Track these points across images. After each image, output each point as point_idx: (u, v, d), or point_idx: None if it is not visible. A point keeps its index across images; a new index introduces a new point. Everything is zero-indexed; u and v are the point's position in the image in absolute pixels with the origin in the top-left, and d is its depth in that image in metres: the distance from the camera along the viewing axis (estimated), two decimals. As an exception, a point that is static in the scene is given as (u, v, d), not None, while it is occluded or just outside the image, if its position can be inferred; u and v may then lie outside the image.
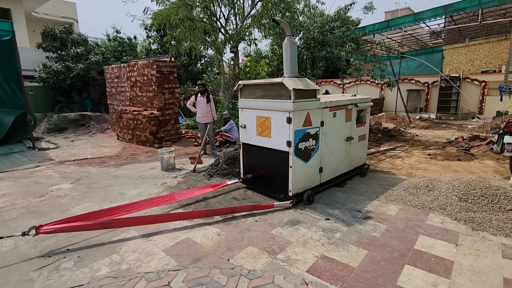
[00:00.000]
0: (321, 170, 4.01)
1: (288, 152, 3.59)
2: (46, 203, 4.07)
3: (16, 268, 2.57)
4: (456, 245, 2.85)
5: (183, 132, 9.18)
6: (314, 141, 3.80)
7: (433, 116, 13.23)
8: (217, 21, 7.37)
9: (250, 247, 2.85)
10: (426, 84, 14.37)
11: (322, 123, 3.89)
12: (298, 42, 10.08)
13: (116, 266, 2.58)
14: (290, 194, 3.66)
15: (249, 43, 7.99)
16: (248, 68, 13.92)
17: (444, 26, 8.74)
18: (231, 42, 7.65)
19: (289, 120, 3.48)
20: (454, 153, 6.40)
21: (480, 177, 4.77)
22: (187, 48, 7.48)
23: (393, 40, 11.15)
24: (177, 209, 3.79)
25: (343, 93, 19.21)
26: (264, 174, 4.08)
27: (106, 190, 4.54)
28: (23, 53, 12.43)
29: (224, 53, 8.85)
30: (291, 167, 3.58)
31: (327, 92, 17.15)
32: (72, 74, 10.96)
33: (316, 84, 18.99)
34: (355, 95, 4.80)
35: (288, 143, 3.54)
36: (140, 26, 12.68)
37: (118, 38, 13.35)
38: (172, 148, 5.72)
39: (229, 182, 4.36)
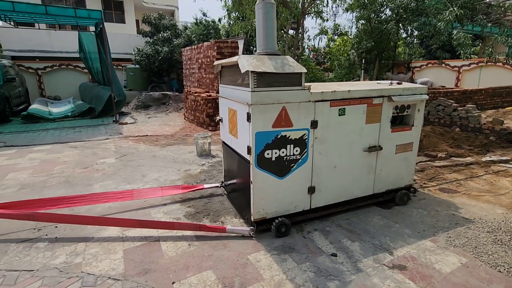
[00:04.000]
0: (312, 190, 2.85)
1: (250, 162, 2.60)
2: (83, 175, 4.48)
3: None
4: None
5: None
6: (297, 149, 2.67)
7: None
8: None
9: (209, 271, 2.28)
10: None
11: (314, 124, 2.68)
12: (388, 12, 8.11)
13: (72, 258, 2.47)
14: (252, 219, 2.70)
15: (313, 16, 6.83)
16: (328, 48, 12.43)
17: None
18: (294, 17, 6.69)
19: (248, 117, 2.46)
20: None
21: None
22: (245, 26, 6.95)
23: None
24: (176, 202, 3.52)
25: (457, 78, 15.13)
26: (236, 184, 3.20)
27: (134, 169, 4.69)
28: (131, 39, 14.56)
29: (307, 31, 7.93)
30: (252, 182, 2.59)
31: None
32: (160, 57, 12.16)
33: (420, 67, 15.60)
34: (399, 83, 3.22)
35: (248, 149, 2.54)
36: (222, 8, 12.83)
37: (204, 21, 13.97)
38: (208, 133, 5.49)
39: (206, 186, 3.71)
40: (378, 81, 3.62)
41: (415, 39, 9.20)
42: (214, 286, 2.13)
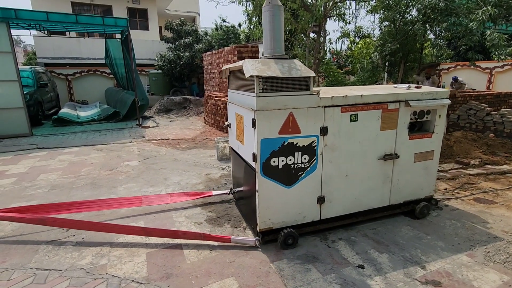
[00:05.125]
0: (321, 200, 2.69)
1: (255, 169, 2.49)
2: (108, 177, 4.61)
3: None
4: None
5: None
6: (305, 156, 2.53)
7: None
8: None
9: (231, 279, 2.24)
10: None
11: (323, 131, 2.54)
12: (414, 13, 7.83)
13: (98, 259, 2.52)
14: (257, 229, 2.58)
15: (335, 19, 6.70)
16: (349, 51, 12.18)
17: None
18: (316, 21, 6.60)
19: (253, 124, 2.37)
20: None
21: None
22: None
23: None
24: (197, 206, 3.52)
25: (489, 80, 14.33)
26: (243, 191, 3.10)
27: (157, 172, 4.77)
28: (154, 46, 15.02)
29: (328, 34, 7.84)
30: (257, 191, 2.48)
31: (455, 80, 13.14)
32: (181, 62, 12.44)
33: (448, 69, 14.94)
34: (418, 87, 3.01)
35: (254, 157, 2.45)
36: (243, 13, 12.95)
37: (224, 27, 14.17)
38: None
39: (214, 193, 3.67)
40: (395, 85, 3.46)
41: (443, 40, 8.81)
42: (237, 294, 2.09)
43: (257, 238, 2.64)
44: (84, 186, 4.25)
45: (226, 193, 3.71)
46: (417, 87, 3.03)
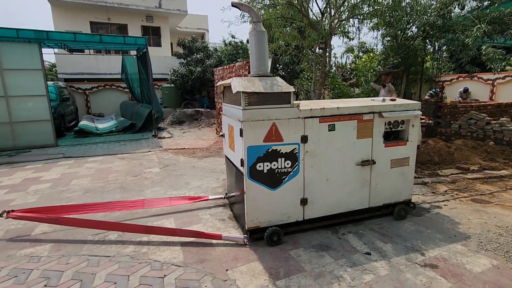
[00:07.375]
0: (304, 202, 2.99)
1: (243, 173, 2.81)
2: (134, 182, 5.05)
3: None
4: None
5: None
6: (288, 162, 2.85)
7: None
8: (305, 16, 6.99)
9: (256, 262, 2.61)
10: None
11: (304, 139, 2.87)
12: (414, 29, 8.34)
13: (139, 248, 2.92)
14: (246, 227, 2.90)
15: (340, 36, 7.21)
16: (354, 65, 12.70)
17: None
18: (322, 38, 7.13)
19: (241, 133, 2.71)
20: None
21: None
22: (274, 47, 7.49)
23: None
24: (220, 206, 3.92)
25: (492, 91, 14.65)
26: (234, 194, 3.42)
27: (178, 178, 5.20)
28: (166, 61, 15.78)
29: (333, 48, 8.31)
30: (245, 192, 2.80)
31: (466, 91, 13.54)
32: (193, 76, 13.10)
33: (451, 81, 15.33)
34: (392, 99, 3.36)
35: (241, 162, 2.79)
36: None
37: (233, 43, 14.90)
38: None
39: (211, 197, 4.03)
40: (372, 98, 3.79)
41: (444, 53, 9.26)
42: (262, 274, 2.46)
43: (245, 235, 2.95)
44: (114, 189, 4.69)
45: (222, 198, 4.06)
46: (392, 100, 3.38)
